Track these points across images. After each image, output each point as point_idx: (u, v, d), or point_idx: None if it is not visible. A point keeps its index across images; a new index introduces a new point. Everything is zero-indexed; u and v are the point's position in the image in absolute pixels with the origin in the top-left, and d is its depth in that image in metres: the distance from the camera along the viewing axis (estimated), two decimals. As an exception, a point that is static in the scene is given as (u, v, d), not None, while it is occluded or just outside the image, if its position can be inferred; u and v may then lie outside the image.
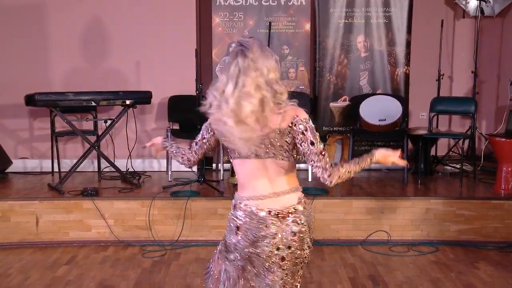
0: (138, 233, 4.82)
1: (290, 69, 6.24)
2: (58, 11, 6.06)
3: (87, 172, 5.94)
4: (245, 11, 6.14)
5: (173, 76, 6.05)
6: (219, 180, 5.70)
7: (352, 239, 4.83)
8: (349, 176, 2.34)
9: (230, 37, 6.16)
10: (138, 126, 6.08)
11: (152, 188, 5.37)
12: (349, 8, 6.16)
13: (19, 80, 5.95)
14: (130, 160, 6.01)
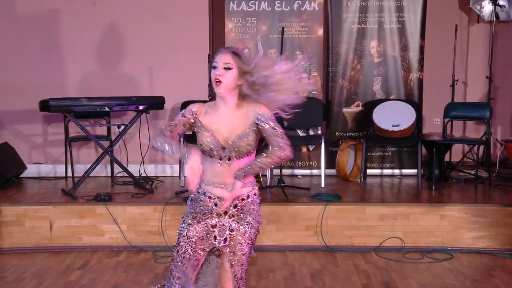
0: (150, 239, 4.84)
1: (302, 75, 6.22)
2: (72, 18, 6.12)
3: (100, 177, 5.97)
4: (258, 17, 6.16)
5: (186, 81, 6.07)
6: (232, 185, 5.69)
7: (366, 245, 4.81)
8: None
9: (243, 43, 6.18)
10: (151, 131, 6.09)
11: (164, 193, 5.39)
12: (362, 13, 6.15)
13: (34, 86, 6.01)
14: (143, 165, 6.04)
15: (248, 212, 2.67)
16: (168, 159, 6.25)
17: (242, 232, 2.64)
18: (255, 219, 2.69)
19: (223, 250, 2.66)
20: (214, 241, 2.66)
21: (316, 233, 4.82)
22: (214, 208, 2.67)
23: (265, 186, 5.59)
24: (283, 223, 4.88)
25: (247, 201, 2.68)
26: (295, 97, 2.67)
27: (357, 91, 6.24)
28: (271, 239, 4.86)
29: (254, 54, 6.18)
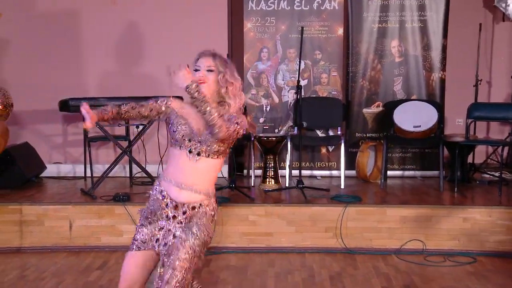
0: (169, 239, 4.85)
1: (322, 74, 6.21)
2: (92, 17, 6.18)
3: (119, 177, 6.02)
4: (277, 16, 6.15)
5: (204, 81, 6.07)
6: (250, 186, 5.70)
7: (386, 248, 4.77)
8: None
9: (261, 42, 6.18)
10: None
11: (183, 194, 5.40)
12: (383, 12, 6.11)
13: (54, 86, 6.08)
14: (161, 165, 6.06)
15: (195, 223, 2.62)
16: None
17: (183, 240, 2.59)
18: (201, 231, 2.61)
19: (160, 254, 2.64)
20: (155, 243, 2.64)
21: (335, 235, 4.80)
22: (165, 208, 2.65)
23: (284, 187, 5.58)
24: (302, 224, 4.86)
25: (198, 211, 2.63)
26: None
27: (378, 91, 6.20)
28: (289, 240, 4.85)
29: (273, 54, 6.18)
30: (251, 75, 6.22)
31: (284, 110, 6.24)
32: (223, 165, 2.75)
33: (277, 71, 6.21)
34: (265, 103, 6.24)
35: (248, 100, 6.21)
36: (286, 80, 6.22)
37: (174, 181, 2.62)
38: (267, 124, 6.25)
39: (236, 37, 6.31)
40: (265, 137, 5.72)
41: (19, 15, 6.08)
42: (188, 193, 2.62)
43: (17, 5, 6.10)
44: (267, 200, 5.15)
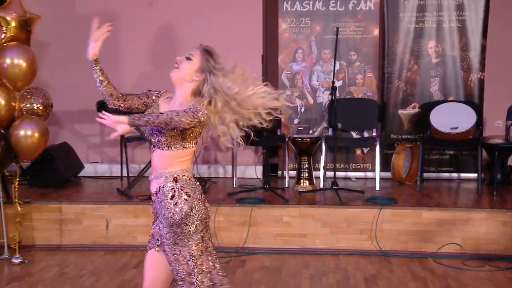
0: (203, 239, 4.90)
1: (357, 75, 6.19)
2: (129, 19, 6.28)
3: (154, 177, 6.10)
4: (312, 17, 6.16)
5: (239, 82, 6.11)
6: (284, 187, 5.72)
7: (422, 251, 4.73)
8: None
9: (296, 43, 6.20)
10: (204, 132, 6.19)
11: (217, 194, 5.47)
12: (420, 12, 6.05)
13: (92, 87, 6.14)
14: (196, 166, 6.14)
15: (159, 211, 2.57)
16: (221, 160, 6.34)
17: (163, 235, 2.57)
18: (162, 214, 2.54)
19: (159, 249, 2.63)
20: (152, 240, 2.65)
21: (370, 237, 4.78)
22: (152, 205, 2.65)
23: (318, 188, 5.58)
24: (336, 226, 4.86)
25: (159, 195, 2.57)
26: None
27: (414, 92, 6.14)
28: (324, 242, 4.85)
29: (308, 54, 6.19)
30: (285, 76, 6.24)
31: (319, 111, 6.24)
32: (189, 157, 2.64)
33: (311, 72, 6.22)
34: (299, 104, 6.25)
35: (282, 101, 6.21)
36: (321, 81, 6.22)
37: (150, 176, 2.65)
38: (302, 125, 6.27)
39: (270, 38, 6.34)
40: (299, 138, 5.73)
41: (58, 17, 6.22)
42: (153, 182, 2.61)
43: (56, 8, 6.26)
44: (301, 201, 5.16)
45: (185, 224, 2.52)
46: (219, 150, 6.34)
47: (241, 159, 6.03)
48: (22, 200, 4.77)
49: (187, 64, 2.60)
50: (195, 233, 2.54)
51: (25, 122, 4.51)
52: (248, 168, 6.18)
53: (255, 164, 6.18)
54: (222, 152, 6.31)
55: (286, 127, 6.22)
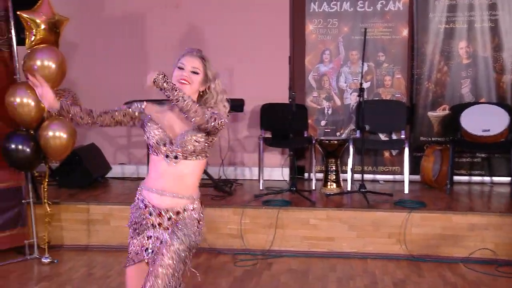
0: (230, 241, 4.92)
1: (385, 77, 6.13)
2: (156, 20, 6.34)
3: (180, 178, 6.13)
4: (339, 18, 6.12)
5: (265, 83, 6.13)
6: (311, 190, 5.69)
7: (452, 256, 4.66)
8: None
9: (323, 44, 6.17)
10: (230, 134, 6.22)
11: (243, 196, 5.47)
12: (450, 12, 5.97)
13: (119, 88, 6.27)
14: (222, 167, 6.16)
15: (181, 227, 2.55)
16: (247, 162, 6.34)
17: (168, 245, 2.53)
18: (187, 236, 2.54)
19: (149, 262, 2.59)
20: (145, 253, 2.60)
21: (399, 241, 4.73)
22: (149, 217, 2.59)
23: (346, 191, 5.54)
24: (364, 229, 4.82)
25: (183, 216, 2.57)
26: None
27: (444, 94, 6.06)
28: (351, 245, 4.81)
29: (336, 56, 6.16)
30: (312, 77, 6.22)
31: (346, 113, 6.20)
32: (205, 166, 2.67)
33: (339, 73, 6.18)
34: (326, 106, 6.22)
35: (309, 102, 6.21)
36: (349, 82, 6.18)
37: (154, 189, 2.56)
38: (329, 127, 6.23)
39: (297, 39, 6.31)
40: (326, 140, 5.70)
41: (86, 19, 6.31)
42: (170, 199, 2.55)
43: (85, 9, 6.34)
44: (329, 204, 5.13)
45: (196, 248, 2.63)
46: (246, 152, 6.35)
47: (268, 161, 6.03)
48: (51, 201, 4.84)
49: (196, 78, 2.60)
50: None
51: (54, 123, 4.58)
52: (275, 170, 6.17)
53: (282, 166, 6.17)
54: (249, 154, 6.32)
55: (313, 129, 6.19)
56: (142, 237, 2.61)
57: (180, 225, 2.56)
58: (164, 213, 2.57)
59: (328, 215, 4.88)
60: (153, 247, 2.58)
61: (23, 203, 4.80)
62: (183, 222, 2.56)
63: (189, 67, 2.59)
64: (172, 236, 2.54)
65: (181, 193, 2.56)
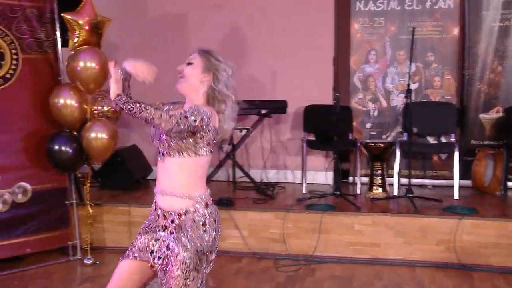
0: (272, 246, 4.87)
1: (435, 78, 5.97)
2: (197, 21, 6.35)
3: (222, 181, 6.14)
4: (386, 17, 6.00)
5: (309, 84, 6.07)
6: (356, 194, 5.59)
7: (507, 266, 4.47)
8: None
9: (369, 44, 6.06)
10: (273, 136, 6.18)
11: (286, 200, 5.41)
12: (505, 9, 5.75)
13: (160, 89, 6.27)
14: (264, 170, 6.12)
15: (184, 232, 2.45)
16: (289, 165, 6.28)
17: (175, 254, 2.43)
18: (191, 240, 2.43)
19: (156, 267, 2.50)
20: (150, 255, 2.50)
21: (448, 249, 4.58)
22: (158, 219, 2.53)
23: (392, 196, 5.42)
24: (411, 236, 4.70)
25: (186, 219, 2.46)
26: None
27: (497, 95, 5.85)
28: (398, 252, 4.70)
29: (382, 56, 6.04)
30: (357, 78, 6.11)
31: (393, 115, 6.07)
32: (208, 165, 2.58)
33: (385, 74, 6.06)
34: (372, 108, 6.10)
35: (354, 104, 6.11)
36: (395, 83, 6.04)
37: (158, 189, 2.54)
38: (374, 129, 6.11)
39: (342, 39, 6.21)
40: (372, 143, 5.59)
41: (128, 20, 6.37)
42: (170, 199, 2.48)
43: (127, 10, 6.42)
44: (374, 209, 5.02)
45: (210, 253, 2.48)
46: (288, 155, 6.30)
47: (311, 164, 5.96)
48: (93, 202, 4.91)
49: (190, 70, 2.53)
50: (213, 261, 2.52)
51: (96, 125, 4.63)
52: (318, 173, 6.09)
53: (325, 170, 6.08)
54: (291, 156, 6.26)
55: (358, 131, 6.09)
56: (150, 237, 2.52)
57: (183, 230, 2.45)
58: (168, 216, 2.49)
59: (373, 221, 4.78)
60: (159, 251, 2.48)
61: (67, 204, 4.87)
62: (186, 227, 2.45)
63: (187, 60, 2.57)
64: (178, 243, 2.44)
65: (178, 193, 2.47)
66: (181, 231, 2.45)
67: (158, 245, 2.49)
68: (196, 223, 2.45)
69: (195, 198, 2.47)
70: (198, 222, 2.45)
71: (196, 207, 2.47)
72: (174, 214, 2.47)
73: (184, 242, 2.43)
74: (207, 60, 2.54)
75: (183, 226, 2.45)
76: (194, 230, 2.44)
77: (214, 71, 2.53)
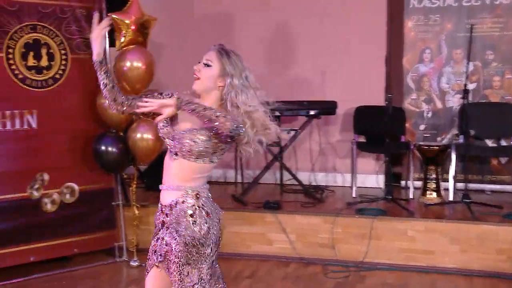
0: (320, 251, 4.79)
1: (494, 77, 5.73)
2: (245, 20, 6.33)
3: (269, 184, 6.08)
4: (442, 13, 5.81)
5: (360, 85, 5.94)
6: (409, 198, 5.43)
7: None
8: None
9: (423, 43, 5.88)
10: (321, 137, 6.10)
11: (335, 203, 5.32)
12: None
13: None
14: (312, 173, 6.04)
15: (174, 224, 2.43)
16: (339, 168, 6.18)
17: (170, 249, 2.42)
18: (179, 232, 2.40)
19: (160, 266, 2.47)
20: (154, 256, 2.49)
21: (510, 259, 4.38)
22: (158, 216, 2.52)
23: (447, 201, 5.24)
24: (468, 243, 4.52)
25: (176, 211, 2.44)
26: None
27: (562, 96, 5.59)
28: (454, 260, 4.54)
29: (437, 55, 5.85)
30: (411, 78, 5.94)
31: (448, 117, 5.86)
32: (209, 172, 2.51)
33: (440, 73, 5.87)
34: (426, 109, 5.92)
35: (407, 105, 5.94)
36: (451, 83, 5.85)
37: (164, 185, 2.50)
38: (428, 131, 5.92)
39: (395, 38, 6.06)
40: (426, 146, 5.42)
41: (174, 19, 6.40)
42: (167, 193, 2.48)
43: (173, 9, 6.45)
44: (428, 215, 4.87)
45: (202, 245, 2.42)
46: (338, 157, 6.19)
47: (361, 167, 5.83)
48: (139, 203, 4.94)
49: (208, 71, 2.47)
50: (209, 255, 2.44)
51: (142, 125, 4.66)
52: (369, 176, 5.96)
53: (376, 173, 5.95)
54: (341, 159, 6.15)
55: (411, 133, 5.92)
56: (154, 239, 2.52)
57: (174, 222, 2.44)
58: (164, 210, 2.49)
59: (427, 227, 4.63)
60: (160, 249, 2.46)
61: (113, 205, 4.92)
62: (175, 218, 2.44)
63: (204, 60, 2.49)
64: (171, 236, 2.43)
65: (175, 185, 2.45)
66: (173, 224, 2.44)
67: (159, 243, 2.48)
68: (183, 215, 2.43)
69: (185, 189, 2.45)
70: (186, 213, 2.43)
71: (185, 197, 2.44)
72: (167, 207, 2.47)
73: (174, 235, 2.42)
74: (225, 62, 2.47)
75: (174, 219, 2.44)
76: (182, 221, 2.42)
77: (231, 76, 2.46)
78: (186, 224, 2.41)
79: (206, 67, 2.47)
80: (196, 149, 2.38)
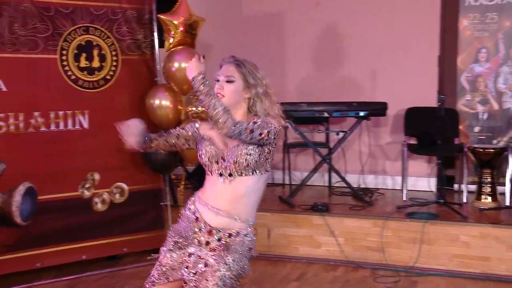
0: (369, 255, 4.75)
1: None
2: (295, 19, 6.34)
3: (317, 186, 6.08)
4: (500, 11, 5.67)
5: (411, 85, 5.87)
6: (462, 203, 5.32)
7: None
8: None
9: (479, 42, 5.75)
10: (371, 139, 6.04)
11: (385, 207, 5.26)
12: None
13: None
14: (362, 175, 5.99)
15: (230, 252, 2.44)
16: (389, 170, 6.11)
17: (214, 270, 2.40)
18: (237, 262, 2.43)
19: (188, 283, 2.45)
20: (184, 271, 2.47)
21: None
22: (197, 233, 2.49)
23: (503, 206, 5.11)
24: (526, 251, 4.40)
25: (235, 240, 2.45)
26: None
27: None
28: (510, 268, 4.41)
29: (494, 54, 5.72)
30: (465, 78, 5.82)
31: (505, 119, 5.72)
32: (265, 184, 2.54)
33: (497, 74, 5.72)
34: (481, 110, 5.79)
35: (461, 106, 5.82)
36: (509, 84, 5.69)
37: (210, 206, 2.48)
38: (483, 133, 5.79)
39: (449, 37, 5.94)
40: (481, 149, 5.30)
41: (223, 19, 6.47)
42: (225, 219, 2.45)
43: (221, 10, 6.53)
44: (482, 220, 4.75)
45: (242, 279, 2.50)
46: (388, 159, 6.12)
47: (412, 169, 5.75)
48: (186, 204, 5.01)
49: (232, 86, 2.47)
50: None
51: (191, 126, 4.72)
52: (420, 179, 5.87)
53: (428, 176, 5.86)
54: (391, 161, 6.08)
55: (465, 136, 5.79)
56: (182, 252, 2.52)
57: (230, 250, 2.44)
58: (215, 233, 2.46)
59: (481, 232, 4.52)
60: (194, 267, 2.46)
61: (161, 205, 5.01)
62: (233, 247, 2.45)
63: (223, 77, 2.49)
64: (219, 261, 2.43)
65: (237, 214, 2.45)
66: (227, 251, 2.45)
67: (193, 260, 2.48)
68: (245, 247, 2.47)
69: (249, 222, 2.49)
70: (246, 246, 2.48)
71: (248, 231, 2.49)
72: (223, 233, 2.46)
73: (227, 261, 2.43)
74: (246, 73, 2.50)
75: (231, 246, 2.45)
76: (241, 253, 2.45)
77: (255, 86, 2.50)
78: (243, 257, 2.47)
79: (228, 84, 2.48)
80: (252, 160, 2.41)
